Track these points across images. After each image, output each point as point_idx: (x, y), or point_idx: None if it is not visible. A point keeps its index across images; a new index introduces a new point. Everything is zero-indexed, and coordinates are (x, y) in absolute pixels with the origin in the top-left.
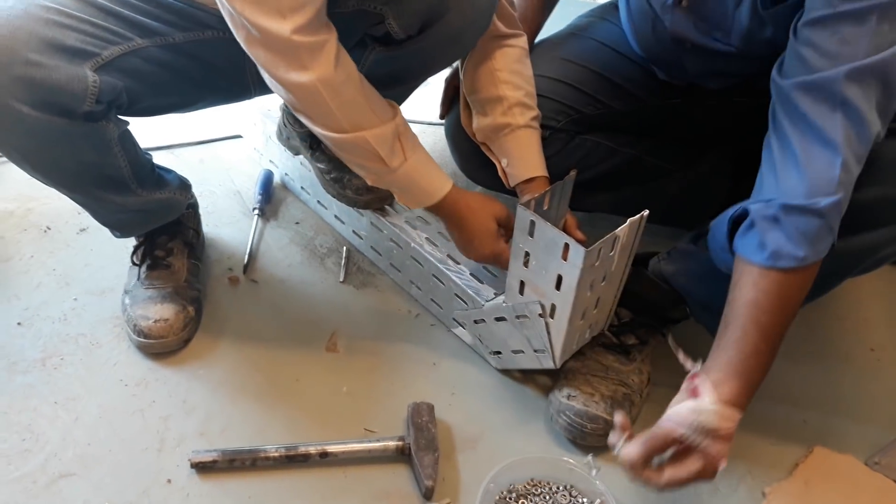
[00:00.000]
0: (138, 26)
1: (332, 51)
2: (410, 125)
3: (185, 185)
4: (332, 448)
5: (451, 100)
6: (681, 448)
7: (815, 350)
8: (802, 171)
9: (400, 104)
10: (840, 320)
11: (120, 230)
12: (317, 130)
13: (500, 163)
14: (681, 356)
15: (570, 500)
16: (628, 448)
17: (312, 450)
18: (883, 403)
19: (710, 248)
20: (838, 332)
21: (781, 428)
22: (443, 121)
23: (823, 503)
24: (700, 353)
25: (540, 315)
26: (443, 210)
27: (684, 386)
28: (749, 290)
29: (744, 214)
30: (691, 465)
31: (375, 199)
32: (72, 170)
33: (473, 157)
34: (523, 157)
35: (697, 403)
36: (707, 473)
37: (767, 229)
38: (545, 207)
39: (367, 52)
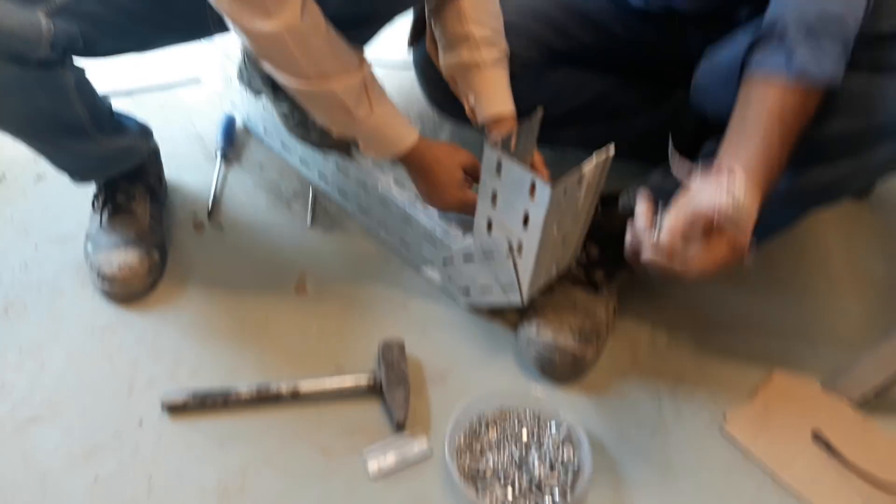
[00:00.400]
0: None
1: None
2: (373, 67)
3: (145, 132)
4: (303, 386)
5: (420, 29)
6: (707, 232)
7: (775, 280)
8: None
9: (366, 45)
10: (800, 252)
11: (80, 176)
12: (282, 80)
13: (467, 100)
14: (676, 161)
15: (539, 428)
16: (670, 219)
17: (284, 388)
18: (840, 330)
19: (699, 84)
20: (798, 263)
21: (743, 354)
22: (410, 54)
23: (781, 423)
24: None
25: (508, 253)
26: (408, 161)
27: (704, 175)
28: (764, 105)
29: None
30: (719, 250)
31: (340, 142)
32: (28, 117)
33: (442, 88)
34: (490, 95)
35: (735, 194)
36: (734, 260)
37: (798, 43)
38: (512, 146)
39: None
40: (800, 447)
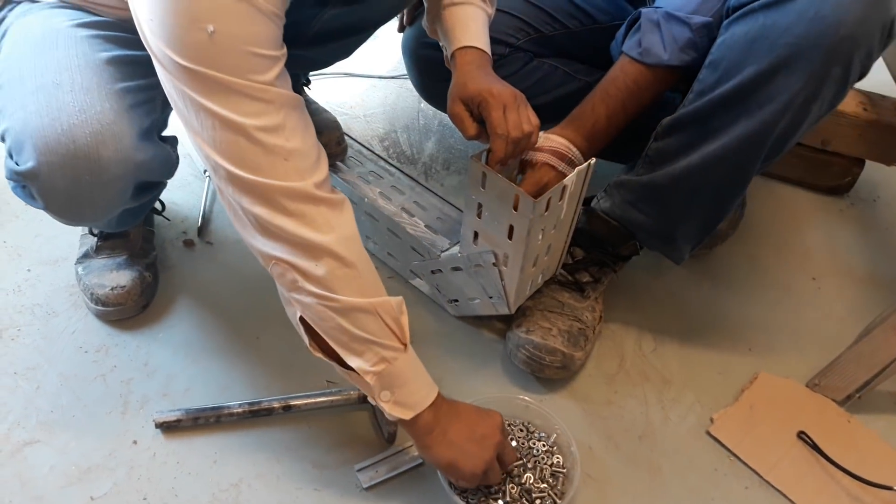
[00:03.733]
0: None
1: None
2: (360, 79)
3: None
4: (294, 401)
5: (413, 16)
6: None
7: (757, 281)
8: None
9: (349, 55)
10: (781, 251)
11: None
12: (325, 296)
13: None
14: None
15: (528, 435)
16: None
17: (276, 404)
18: (822, 328)
19: (612, 54)
20: (780, 263)
21: (727, 357)
22: (399, 45)
23: (767, 424)
24: (653, 297)
25: (494, 264)
26: (438, 409)
27: None
28: (613, 72)
29: (638, 17)
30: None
31: (328, 156)
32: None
33: (430, 70)
34: (457, 28)
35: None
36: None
37: (648, 31)
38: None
39: (325, 10)
40: (785, 448)
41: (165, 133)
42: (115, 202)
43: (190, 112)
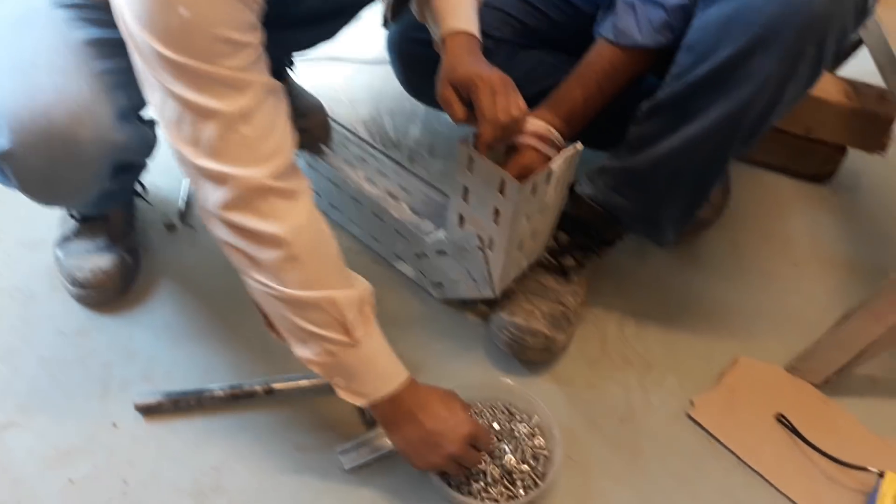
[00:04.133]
0: None
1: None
2: (346, 63)
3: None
4: (277, 384)
5: (396, 12)
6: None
7: (740, 267)
8: None
9: (333, 38)
10: (764, 238)
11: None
12: (268, 285)
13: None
14: None
15: (510, 417)
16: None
17: (258, 387)
18: (803, 313)
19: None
20: (762, 250)
21: (709, 341)
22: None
23: (747, 408)
24: (637, 281)
25: (479, 247)
26: (399, 401)
27: None
28: (589, 55)
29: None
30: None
31: (310, 139)
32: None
33: (415, 67)
34: (447, 13)
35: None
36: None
37: (623, 13)
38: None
39: None
40: (765, 431)
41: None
42: (91, 183)
43: (155, 92)
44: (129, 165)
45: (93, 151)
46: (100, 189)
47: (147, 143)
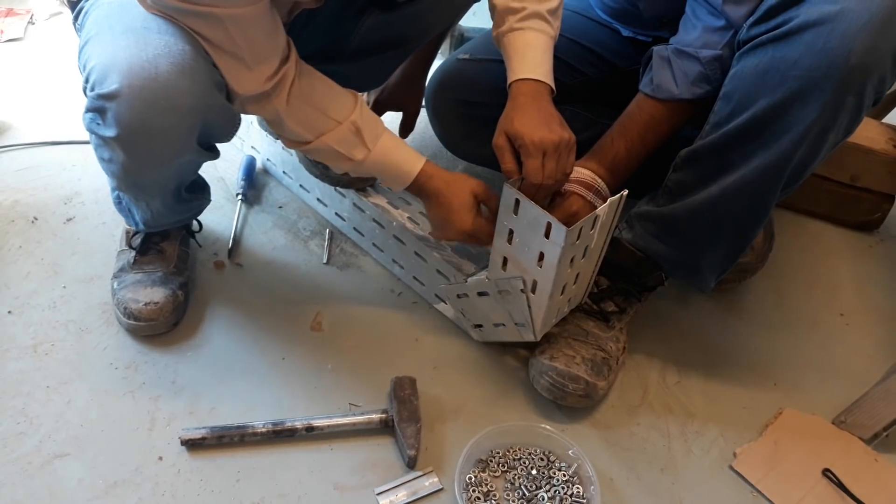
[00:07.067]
0: None
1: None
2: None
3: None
4: (317, 422)
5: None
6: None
7: (784, 316)
8: (699, 28)
9: (385, 78)
10: (809, 288)
11: (155, 225)
12: (286, 143)
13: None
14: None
15: (548, 464)
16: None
17: (299, 424)
18: (850, 364)
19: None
20: (808, 298)
21: (752, 392)
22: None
23: (791, 460)
24: (679, 329)
25: (522, 290)
26: (418, 188)
27: None
28: (630, 108)
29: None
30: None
31: (358, 179)
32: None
33: (449, 126)
34: (515, 58)
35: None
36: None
37: (659, 67)
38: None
39: (364, 18)
40: (810, 485)
41: None
42: (182, 139)
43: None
44: (212, 147)
45: (191, 103)
46: (185, 156)
47: (233, 120)
